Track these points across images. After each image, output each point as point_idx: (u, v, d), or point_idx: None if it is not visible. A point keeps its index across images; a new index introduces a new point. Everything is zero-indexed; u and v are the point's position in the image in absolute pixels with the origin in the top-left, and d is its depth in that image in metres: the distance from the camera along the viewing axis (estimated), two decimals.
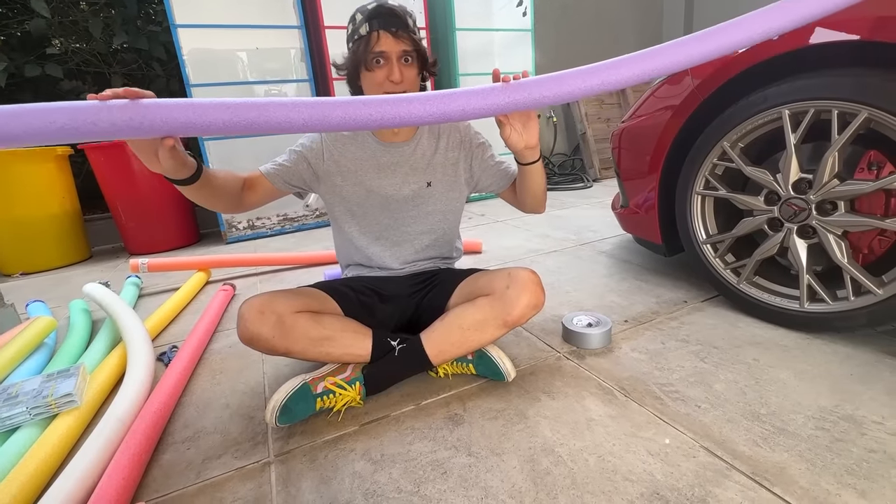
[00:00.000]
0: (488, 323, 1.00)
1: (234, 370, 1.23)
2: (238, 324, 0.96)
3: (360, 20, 0.95)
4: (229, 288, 1.78)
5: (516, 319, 0.99)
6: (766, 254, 1.16)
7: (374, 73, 0.95)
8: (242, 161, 2.78)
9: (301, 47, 2.77)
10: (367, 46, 0.93)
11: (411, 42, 0.95)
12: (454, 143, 1.14)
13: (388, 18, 0.93)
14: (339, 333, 1.02)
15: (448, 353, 1.03)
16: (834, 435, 0.82)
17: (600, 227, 2.41)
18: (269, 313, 0.95)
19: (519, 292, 0.98)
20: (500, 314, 0.99)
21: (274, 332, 0.95)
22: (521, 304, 0.98)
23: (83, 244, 2.74)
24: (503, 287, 1.00)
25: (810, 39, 1.01)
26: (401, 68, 0.95)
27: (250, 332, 0.94)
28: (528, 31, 3.51)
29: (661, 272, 1.66)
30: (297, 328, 0.97)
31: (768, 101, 1.09)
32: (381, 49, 0.93)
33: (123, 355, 1.25)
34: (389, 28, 0.93)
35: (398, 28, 0.93)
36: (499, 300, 0.99)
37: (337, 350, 1.01)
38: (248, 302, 0.97)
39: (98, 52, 2.93)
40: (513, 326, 1.01)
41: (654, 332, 1.22)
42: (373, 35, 0.93)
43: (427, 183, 1.12)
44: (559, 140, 4.56)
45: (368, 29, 0.93)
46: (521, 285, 0.99)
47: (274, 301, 0.97)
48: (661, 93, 1.36)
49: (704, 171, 1.24)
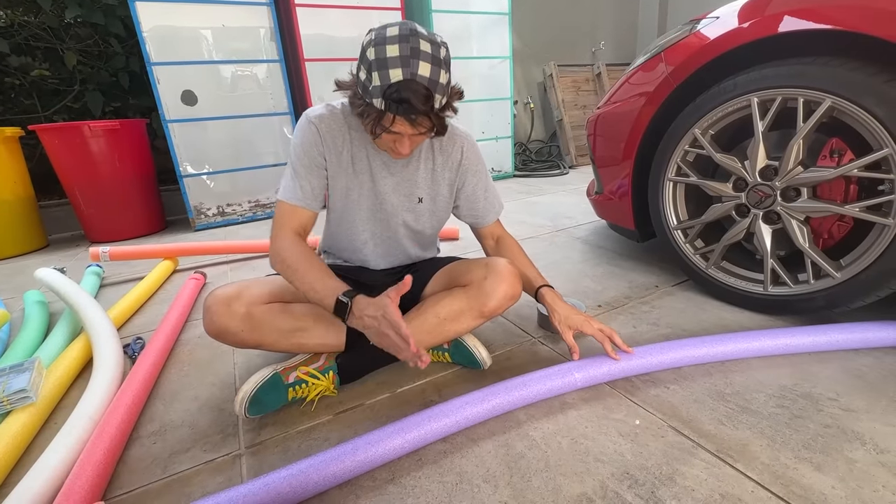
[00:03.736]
0: (465, 313, 0.99)
1: (203, 361, 1.20)
2: (204, 317, 0.92)
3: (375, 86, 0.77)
4: (200, 276, 1.72)
5: (493, 310, 0.98)
6: (733, 239, 1.19)
7: (382, 137, 0.85)
8: (210, 147, 2.67)
9: (270, 26, 2.66)
10: (379, 121, 0.81)
11: (430, 124, 0.82)
12: (452, 165, 1.05)
13: (409, 107, 0.76)
14: (312, 324, 0.99)
15: (423, 343, 1.01)
16: (793, 412, 0.86)
17: (576, 214, 2.44)
18: (237, 305, 0.91)
19: (496, 283, 0.97)
20: (477, 305, 0.98)
21: (243, 325, 0.91)
22: (499, 295, 0.97)
23: (39, 232, 2.59)
24: (480, 278, 0.99)
25: (780, 27, 1.02)
26: (412, 142, 0.86)
27: (217, 325, 0.91)
28: (505, 14, 3.46)
29: (634, 257, 1.69)
30: (267, 320, 0.94)
31: (738, 88, 1.11)
32: (394, 129, 0.82)
33: (83, 348, 1.20)
34: (408, 115, 0.78)
35: (418, 115, 0.78)
36: (476, 290, 0.98)
37: (310, 341, 0.99)
38: (214, 294, 0.93)
39: (49, 26, 2.74)
40: (489, 317, 1.01)
41: (627, 317, 1.24)
42: (387, 116, 0.79)
43: (419, 199, 1.05)
44: (536, 126, 4.56)
45: (384, 108, 0.78)
46: (499, 276, 0.97)
47: (242, 292, 0.93)
48: (636, 79, 1.36)
49: (676, 157, 1.26)
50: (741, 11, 1.12)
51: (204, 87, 2.58)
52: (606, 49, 4.81)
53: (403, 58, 0.75)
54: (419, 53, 0.75)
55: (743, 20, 1.10)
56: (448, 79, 0.82)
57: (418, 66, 0.75)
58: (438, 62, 0.78)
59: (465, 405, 0.86)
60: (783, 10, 1.03)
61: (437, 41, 0.79)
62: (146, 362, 1.10)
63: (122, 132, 2.51)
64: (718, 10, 1.21)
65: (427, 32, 0.79)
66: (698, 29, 1.21)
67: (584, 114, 4.36)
